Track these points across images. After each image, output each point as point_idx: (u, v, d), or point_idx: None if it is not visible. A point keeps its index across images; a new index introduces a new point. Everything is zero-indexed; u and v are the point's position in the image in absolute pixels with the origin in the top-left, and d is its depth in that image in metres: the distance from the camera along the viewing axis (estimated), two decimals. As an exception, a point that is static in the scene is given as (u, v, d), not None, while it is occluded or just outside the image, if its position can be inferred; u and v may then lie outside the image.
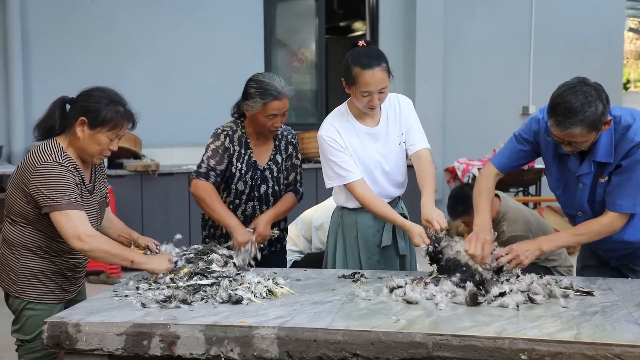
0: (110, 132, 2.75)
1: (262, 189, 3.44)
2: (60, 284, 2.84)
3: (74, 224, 2.65)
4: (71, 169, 2.72)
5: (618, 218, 2.83)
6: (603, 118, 2.65)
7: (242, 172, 3.41)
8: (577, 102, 2.60)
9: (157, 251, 3.01)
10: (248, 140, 3.42)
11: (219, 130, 3.43)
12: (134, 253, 2.86)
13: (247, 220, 3.40)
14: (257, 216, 3.42)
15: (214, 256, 2.88)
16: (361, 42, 3.15)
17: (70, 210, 2.66)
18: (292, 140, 3.53)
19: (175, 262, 2.84)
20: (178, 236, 3.15)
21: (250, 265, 3.11)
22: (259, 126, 3.35)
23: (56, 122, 2.77)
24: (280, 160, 3.48)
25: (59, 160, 2.70)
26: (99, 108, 2.73)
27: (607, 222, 2.84)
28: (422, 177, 3.20)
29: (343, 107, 3.26)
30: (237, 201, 3.45)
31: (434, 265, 2.91)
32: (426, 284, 2.69)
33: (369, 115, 3.20)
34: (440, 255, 2.88)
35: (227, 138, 3.40)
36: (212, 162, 3.36)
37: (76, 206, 2.68)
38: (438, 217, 3.00)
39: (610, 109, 2.77)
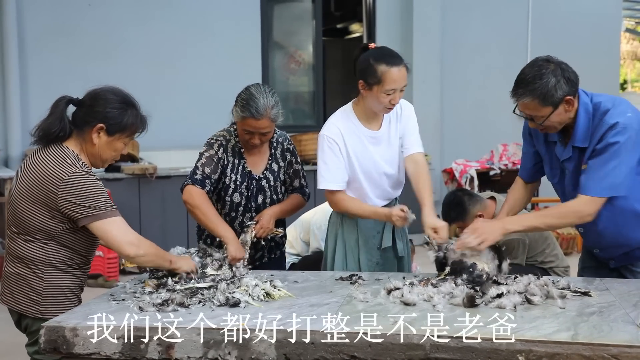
0: (127, 138, 2.69)
1: (259, 199, 3.35)
2: (79, 297, 2.76)
3: (124, 231, 2.58)
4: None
5: (587, 202, 2.76)
6: (556, 93, 2.71)
7: (237, 183, 3.31)
8: (530, 74, 2.74)
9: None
10: (242, 150, 3.33)
11: (213, 140, 3.32)
12: (169, 254, 2.82)
13: (242, 231, 3.29)
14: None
15: (209, 259, 2.87)
16: (372, 45, 3.19)
17: (115, 217, 2.57)
18: (289, 146, 3.43)
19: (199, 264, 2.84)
20: (179, 248, 3.04)
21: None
22: (239, 135, 3.29)
23: (66, 126, 2.60)
24: (276, 169, 3.39)
25: (84, 168, 2.59)
26: (118, 114, 2.63)
27: (573, 205, 2.80)
28: (419, 184, 3.19)
29: (348, 108, 3.25)
30: (233, 213, 3.34)
31: (440, 272, 2.90)
32: (433, 285, 2.69)
33: (373, 118, 3.20)
34: (445, 260, 2.88)
35: (221, 148, 3.29)
36: (207, 170, 3.23)
37: (117, 212, 2.59)
38: (443, 227, 2.99)
39: (593, 96, 2.83)
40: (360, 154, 3.19)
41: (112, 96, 2.66)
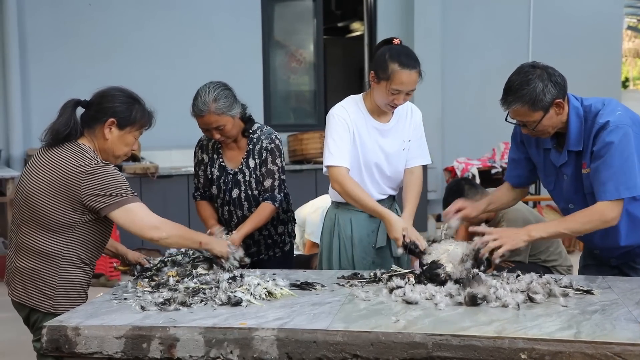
0: (137, 132, 2.79)
1: (234, 193, 3.44)
2: (87, 293, 2.80)
3: (145, 215, 2.67)
4: None
5: (608, 206, 2.74)
6: (545, 97, 2.73)
7: (215, 176, 3.46)
8: (517, 81, 2.77)
9: (149, 266, 2.95)
10: (218, 146, 3.47)
11: (197, 144, 3.55)
12: (200, 234, 2.86)
13: (225, 224, 3.43)
14: (233, 221, 3.44)
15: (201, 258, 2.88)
16: (396, 40, 3.17)
17: (136, 202, 2.66)
18: (268, 145, 3.41)
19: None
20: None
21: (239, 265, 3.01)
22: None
23: (76, 125, 2.71)
24: (252, 165, 3.43)
25: (102, 161, 2.68)
26: (126, 108, 2.74)
27: (596, 210, 2.76)
28: (408, 193, 3.25)
29: (358, 98, 3.24)
30: (215, 205, 3.51)
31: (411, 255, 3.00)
32: (402, 277, 2.73)
33: (382, 112, 3.20)
34: (412, 248, 2.95)
35: (200, 150, 3.52)
36: (195, 181, 3.56)
37: (138, 198, 2.68)
38: (413, 232, 3.01)
39: (582, 99, 2.84)
40: (367, 143, 3.19)
41: (119, 93, 2.79)
